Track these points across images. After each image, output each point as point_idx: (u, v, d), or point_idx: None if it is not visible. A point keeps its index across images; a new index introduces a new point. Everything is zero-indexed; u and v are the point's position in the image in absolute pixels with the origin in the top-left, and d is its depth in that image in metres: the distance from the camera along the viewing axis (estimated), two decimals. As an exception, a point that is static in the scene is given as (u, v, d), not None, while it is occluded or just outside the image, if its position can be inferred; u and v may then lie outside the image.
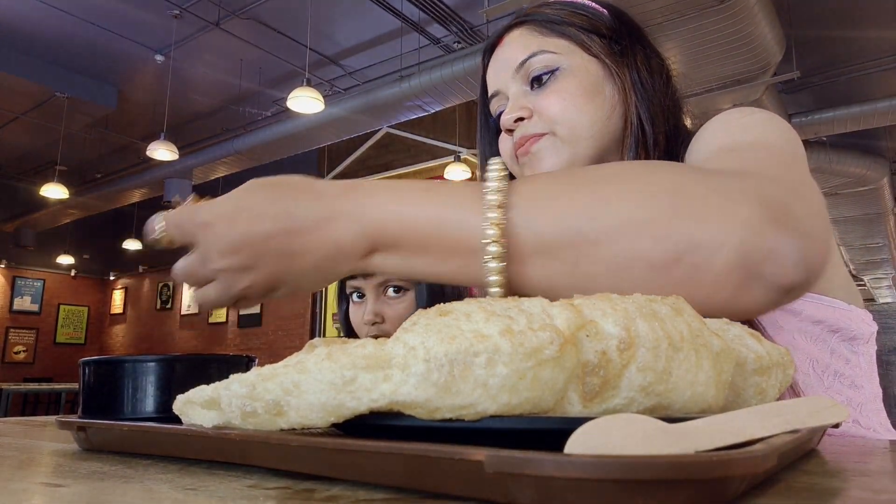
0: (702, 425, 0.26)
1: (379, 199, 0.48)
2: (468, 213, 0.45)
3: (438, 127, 7.40)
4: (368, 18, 5.73)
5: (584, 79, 0.74)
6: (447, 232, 0.46)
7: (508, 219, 0.44)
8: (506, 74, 0.78)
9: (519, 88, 0.77)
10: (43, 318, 10.78)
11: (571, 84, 0.73)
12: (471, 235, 0.45)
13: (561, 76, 0.74)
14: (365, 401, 0.31)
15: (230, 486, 0.31)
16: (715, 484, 0.23)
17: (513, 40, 0.79)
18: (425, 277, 0.50)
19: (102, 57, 6.40)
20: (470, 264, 0.46)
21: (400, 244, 0.48)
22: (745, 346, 0.41)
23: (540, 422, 0.29)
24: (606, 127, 0.74)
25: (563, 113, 0.73)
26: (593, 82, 0.74)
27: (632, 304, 0.34)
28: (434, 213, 0.47)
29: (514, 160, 0.77)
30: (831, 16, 5.34)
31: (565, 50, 0.75)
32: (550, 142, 0.74)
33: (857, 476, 0.34)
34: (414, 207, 0.47)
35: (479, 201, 0.45)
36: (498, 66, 0.80)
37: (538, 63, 0.75)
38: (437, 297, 1.16)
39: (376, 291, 1.18)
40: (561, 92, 0.73)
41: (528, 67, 0.76)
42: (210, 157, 7.37)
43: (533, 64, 0.76)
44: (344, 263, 0.49)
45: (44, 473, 0.37)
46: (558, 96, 0.73)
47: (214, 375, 0.50)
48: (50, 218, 9.70)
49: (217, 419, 0.36)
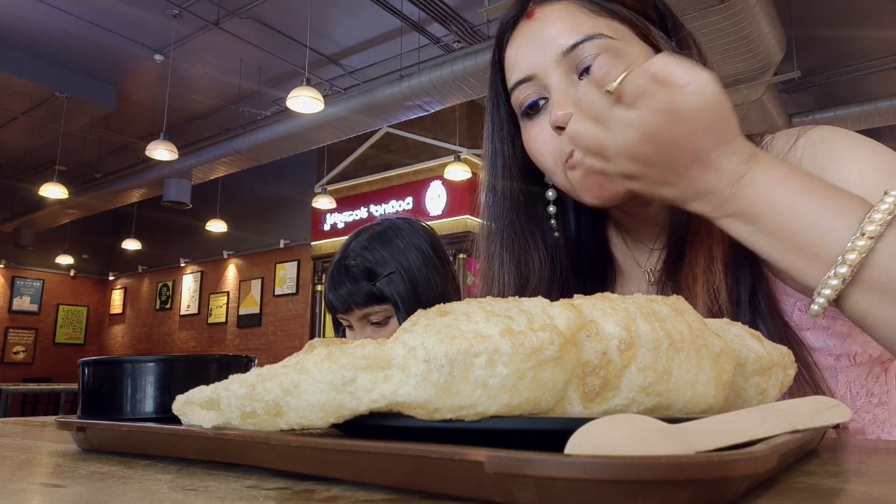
0: (702, 426, 0.26)
1: (769, 176, 0.50)
2: (841, 225, 0.47)
3: (438, 126, 7.39)
4: (368, 18, 5.73)
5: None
6: (811, 233, 0.48)
7: (875, 249, 0.46)
8: (544, 57, 0.65)
9: (564, 77, 0.64)
10: (42, 318, 10.78)
11: None
12: (831, 248, 0.47)
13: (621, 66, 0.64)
14: (365, 401, 0.31)
15: (230, 486, 0.31)
16: (715, 484, 0.23)
17: (556, 16, 0.65)
18: (760, 252, 0.52)
19: (102, 57, 6.40)
20: (812, 268, 0.49)
21: (759, 221, 0.50)
22: (746, 347, 0.41)
23: (540, 422, 0.29)
24: None
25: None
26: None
27: (632, 304, 0.34)
28: (808, 209, 0.49)
29: (560, 166, 0.65)
30: (831, 16, 5.34)
31: (622, 35, 0.64)
32: None
33: (857, 476, 0.34)
34: (793, 198, 0.49)
35: (856, 221, 0.47)
36: (533, 45, 0.66)
37: (593, 50, 0.63)
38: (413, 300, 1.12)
39: (361, 324, 1.15)
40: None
41: (580, 54, 0.63)
42: (209, 157, 7.37)
43: (587, 50, 0.63)
44: (696, 207, 0.53)
45: (43, 474, 0.37)
46: None
47: (214, 376, 0.50)
48: (49, 218, 9.71)
49: (216, 419, 0.36)
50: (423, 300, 1.10)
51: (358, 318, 1.13)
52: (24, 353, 10.42)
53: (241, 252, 9.43)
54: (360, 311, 1.11)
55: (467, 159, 7.04)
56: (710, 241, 0.63)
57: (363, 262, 1.11)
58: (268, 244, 9.03)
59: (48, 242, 10.38)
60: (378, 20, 5.75)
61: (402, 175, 7.78)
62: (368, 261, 1.11)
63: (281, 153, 7.01)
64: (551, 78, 0.65)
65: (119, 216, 10.52)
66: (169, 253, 10.39)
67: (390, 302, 1.10)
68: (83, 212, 9.47)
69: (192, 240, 9.98)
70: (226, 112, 7.50)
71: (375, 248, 1.13)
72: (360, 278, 1.10)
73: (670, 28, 0.69)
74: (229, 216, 8.59)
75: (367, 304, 1.10)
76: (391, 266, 1.10)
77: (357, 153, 8.19)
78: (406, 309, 1.09)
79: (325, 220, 8.28)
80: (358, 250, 1.13)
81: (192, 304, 10.08)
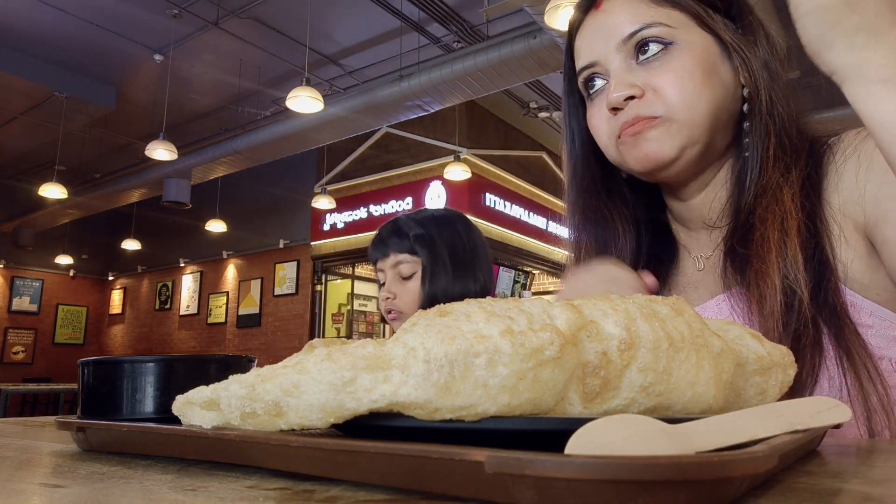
0: (702, 426, 0.26)
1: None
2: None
3: (438, 127, 7.39)
4: (368, 18, 5.73)
5: (703, 57, 0.67)
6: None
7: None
8: (606, 45, 0.70)
9: (623, 62, 0.69)
10: (42, 318, 10.78)
11: (689, 62, 0.66)
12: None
13: (676, 52, 0.67)
14: (365, 401, 0.31)
15: (230, 486, 0.31)
16: (716, 485, 0.23)
17: (617, 7, 0.71)
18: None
19: (102, 57, 6.40)
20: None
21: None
22: (746, 347, 0.41)
23: (540, 422, 0.29)
24: (726, 110, 0.68)
25: (682, 95, 0.66)
26: (711, 61, 0.67)
27: (632, 304, 0.33)
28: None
29: (613, 140, 0.71)
30: (830, 16, 5.33)
31: (680, 23, 0.68)
32: (665, 127, 0.67)
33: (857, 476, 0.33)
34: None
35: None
36: (597, 34, 0.72)
37: (650, 35, 0.67)
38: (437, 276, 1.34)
39: (392, 273, 1.38)
40: (679, 71, 0.66)
41: (637, 39, 0.68)
42: (209, 157, 7.37)
43: (643, 36, 0.68)
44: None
45: (43, 474, 0.37)
46: (676, 76, 0.66)
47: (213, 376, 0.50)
48: (49, 218, 9.70)
49: (216, 420, 0.36)
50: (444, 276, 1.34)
51: (391, 266, 1.37)
52: (24, 354, 10.41)
53: (241, 252, 9.43)
54: (394, 256, 1.36)
55: (467, 159, 7.04)
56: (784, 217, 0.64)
57: (410, 220, 1.39)
58: (267, 244, 9.03)
59: (48, 242, 10.37)
60: (378, 20, 5.75)
61: (401, 175, 7.78)
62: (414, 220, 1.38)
63: (281, 153, 7.00)
64: (611, 64, 0.70)
65: (119, 216, 10.52)
66: (168, 253, 10.39)
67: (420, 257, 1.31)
68: (83, 212, 9.47)
69: (191, 240, 9.97)
70: (225, 112, 7.50)
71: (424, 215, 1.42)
72: (403, 231, 1.36)
73: (735, 14, 0.71)
74: (229, 216, 8.59)
75: (401, 252, 1.35)
76: (432, 232, 1.36)
77: (357, 153, 8.19)
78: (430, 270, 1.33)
79: (325, 220, 8.28)
80: (411, 215, 1.41)
81: (191, 304, 10.08)
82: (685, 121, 0.66)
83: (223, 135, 7.60)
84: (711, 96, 0.67)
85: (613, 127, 0.70)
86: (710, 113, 0.67)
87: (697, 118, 0.66)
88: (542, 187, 8.62)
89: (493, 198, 7.65)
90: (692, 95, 0.66)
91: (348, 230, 8.06)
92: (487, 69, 5.24)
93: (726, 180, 0.73)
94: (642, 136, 0.68)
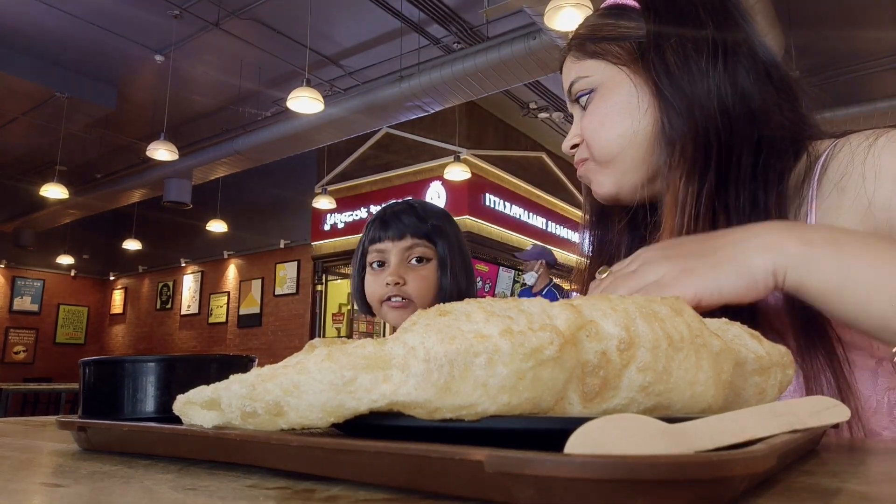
0: (702, 425, 0.26)
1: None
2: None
3: (438, 127, 7.39)
4: (368, 18, 5.73)
5: (617, 94, 0.72)
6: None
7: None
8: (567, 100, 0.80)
9: (578, 112, 0.78)
10: (43, 318, 10.78)
11: (603, 103, 0.73)
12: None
13: (596, 97, 0.74)
14: (365, 401, 0.31)
15: (230, 486, 0.31)
16: (715, 484, 0.23)
17: (565, 68, 0.80)
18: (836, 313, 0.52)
19: (102, 57, 6.40)
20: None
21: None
22: (745, 347, 0.41)
23: (540, 422, 0.29)
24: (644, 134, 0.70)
25: (594, 134, 0.73)
26: (626, 94, 0.71)
27: (632, 304, 0.34)
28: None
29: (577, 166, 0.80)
30: (831, 16, 5.34)
31: (597, 70, 0.74)
32: (592, 166, 0.75)
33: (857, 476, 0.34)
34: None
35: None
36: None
37: (577, 89, 0.76)
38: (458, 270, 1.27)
39: (401, 256, 1.26)
40: (594, 113, 0.73)
41: (573, 95, 0.77)
42: (210, 158, 7.37)
43: (574, 92, 0.76)
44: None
45: (44, 474, 0.37)
46: (591, 118, 0.73)
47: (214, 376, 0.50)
48: (50, 218, 9.71)
49: (217, 419, 0.36)
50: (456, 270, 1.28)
51: (403, 248, 1.26)
52: (25, 353, 10.42)
53: (242, 252, 9.43)
54: (411, 239, 1.26)
55: (467, 160, 7.04)
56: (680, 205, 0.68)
57: (428, 207, 1.33)
58: (268, 244, 9.03)
59: (49, 242, 10.38)
60: (378, 21, 5.75)
61: (401, 175, 7.78)
62: (430, 209, 1.32)
63: (281, 153, 7.01)
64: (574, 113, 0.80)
65: (119, 216, 10.52)
66: (169, 253, 10.39)
67: (436, 246, 1.27)
68: (84, 212, 9.48)
69: (192, 240, 9.98)
70: (226, 112, 7.50)
71: (432, 207, 1.35)
72: (421, 216, 1.28)
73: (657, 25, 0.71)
74: (229, 216, 8.59)
75: (419, 237, 1.27)
76: (444, 224, 1.30)
77: (357, 153, 8.19)
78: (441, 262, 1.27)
79: (325, 221, 8.28)
80: (425, 205, 1.34)
81: (192, 304, 10.08)
82: (603, 158, 0.73)
83: (224, 135, 7.60)
84: (622, 128, 0.71)
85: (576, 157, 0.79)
86: (623, 142, 0.71)
87: (613, 153, 0.72)
88: (541, 188, 8.62)
89: (492, 198, 7.65)
90: (603, 132, 0.72)
91: (349, 230, 8.06)
92: (487, 70, 5.24)
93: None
94: (584, 178, 0.77)
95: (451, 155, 6.84)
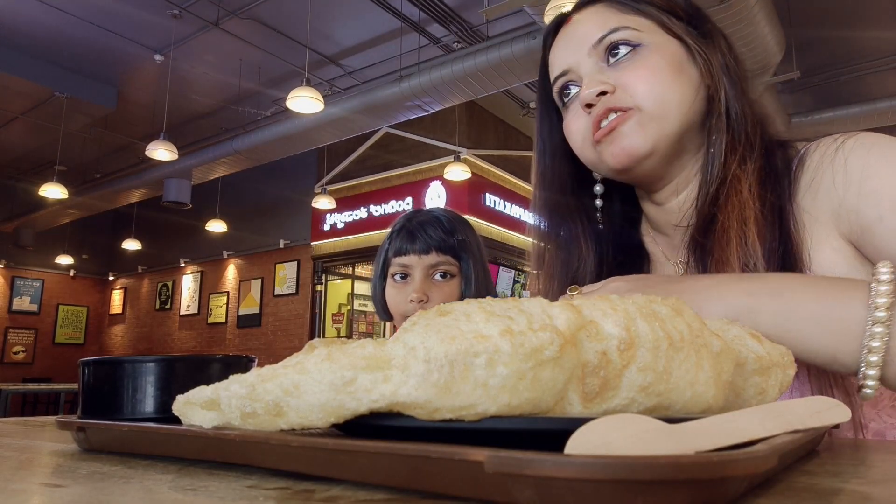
0: (702, 425, 0.26)
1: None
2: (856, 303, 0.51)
3: (438, 127, 7.39)
4: (368, 18, 5.73)
5: (670, 57, 0.71)
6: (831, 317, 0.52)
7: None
8: (578, 51, 0.75)
9: (595, 65, 0.73)
10: (42, 318, 10.78)
11: (658, 61, 0.70)
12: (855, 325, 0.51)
13: (645, 53, 0.71)
14: (365, 401, 0.31)
15: (230, 486, 0.31)
16: (715, 484, 0.23)
17: (587, 17, 0.76)
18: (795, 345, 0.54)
19: (102, 57, 6.40)
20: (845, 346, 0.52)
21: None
22: (746, 347, 0.41)
23: (540, 422, 0.29)
24: (692, 107, 0.71)
25: (651, 88, 0.69)
26: (678, 61, 0.71)
27: (632, 304, 0.34)
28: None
29: (588, 141, 0.74)
30: (831, 16, 5.34)
31: (646, 28, 0.73)
32: (637, 119, 0.70)
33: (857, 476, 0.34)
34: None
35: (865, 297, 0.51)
36: (568, 44, 0.76)
37: (618, 38, 0.72)
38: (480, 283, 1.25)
39: (425, 272, 1.23)
40: (648, 68, 0.70)
41: (606, 43, 0.73)
42: (209, 157, 7.37)
43: (612, 39, 0.72)
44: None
45: (43, 474, 0.37)
46: (646, 72, 0.70)
47: (214, 376, 0.50)
48: (49, 218, 9.70)
49: (217, 420, 0.36)
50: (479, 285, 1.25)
51: (429, 265, 1.23)
52: (24, 353, 10.41)
53: (241, 252, 9.43)
54: (437, 256, 1.23)
55: (467, 159, 7.04)
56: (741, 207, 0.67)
57: (453, 217, 1.29)
58: (268, 244, 9.03)
59: (48, 242, 10.37)
60: (378, 20, 5.75)
61: (401, 175, 7.78)
62: (455, 220, 1.28)
63: (281, 153, 7.00)
64: (583, 68, 0.74)
65: (119, 216, 10.52)
66: (169, 253, 10.39)
67: (460, 261, 1.24)
68: (83, 212, 9.47)
69: (191, 240, 9.97)
70: (226, 112, 7.50)
71: (454, 215, 1.31)
72: (448, 229, 1.25)
73: (696, 23, 0.76)
74: (229, 216, 8.59)
75: (445, 253, 1.23)
76: (469, 236, 1.27)
77: (357, 153, 8.19)
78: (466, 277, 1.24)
79: (325, 221, 8.28)
80: (450, 216, 1.30)
81: (191, 304, 10.08)
82: (655, 112, 0.69)
83: (223, 135, 7.60)
84: (679, 92, 0.70)
85: (588, 125, 0.73)
86: (679, 107, 0.70)
87: (667, 110, 0.70)
88: (542, 187, 8.60)
89: (492, 198, 7.65)
90: (661, 89, 0.70)
91: (348, 230, 8.06)
92: (487, 69, 5.24)
93: (696, 181, 0.76)
94: (617, 131, 0.70)
95: (451, 155, 6.84)
